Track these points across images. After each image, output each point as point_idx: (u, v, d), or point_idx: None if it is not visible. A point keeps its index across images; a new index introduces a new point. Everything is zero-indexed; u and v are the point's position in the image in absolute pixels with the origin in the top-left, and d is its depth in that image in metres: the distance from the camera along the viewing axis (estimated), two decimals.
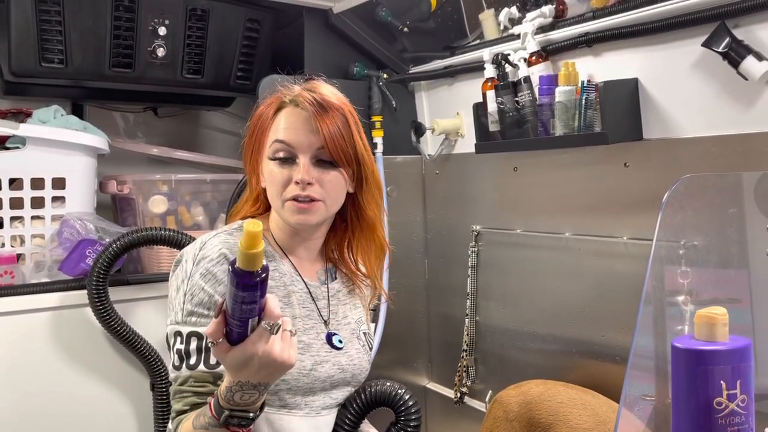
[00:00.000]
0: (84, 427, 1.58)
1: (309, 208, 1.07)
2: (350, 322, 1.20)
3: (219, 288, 1.03)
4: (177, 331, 1.04)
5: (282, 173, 1.07)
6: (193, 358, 1.02)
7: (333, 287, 1.20)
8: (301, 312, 1.12)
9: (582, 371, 1.62)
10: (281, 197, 1.08)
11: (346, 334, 1.18)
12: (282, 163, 1.08)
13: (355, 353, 1.18)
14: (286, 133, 1.08)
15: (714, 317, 0.71)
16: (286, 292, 1.11)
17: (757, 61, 1.17)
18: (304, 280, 1.15)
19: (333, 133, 1.07)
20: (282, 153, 1.08)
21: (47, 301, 1.56)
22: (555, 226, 1.68)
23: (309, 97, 1.09)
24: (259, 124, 1.12)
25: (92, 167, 1.71)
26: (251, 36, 1.88)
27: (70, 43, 1.63)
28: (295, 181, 1.06)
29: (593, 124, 1.44)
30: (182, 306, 1.04)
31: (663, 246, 1.15)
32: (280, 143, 1.08)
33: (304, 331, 1.11)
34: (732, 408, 0.70)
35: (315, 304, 1.15)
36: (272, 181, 1.09)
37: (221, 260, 1.05)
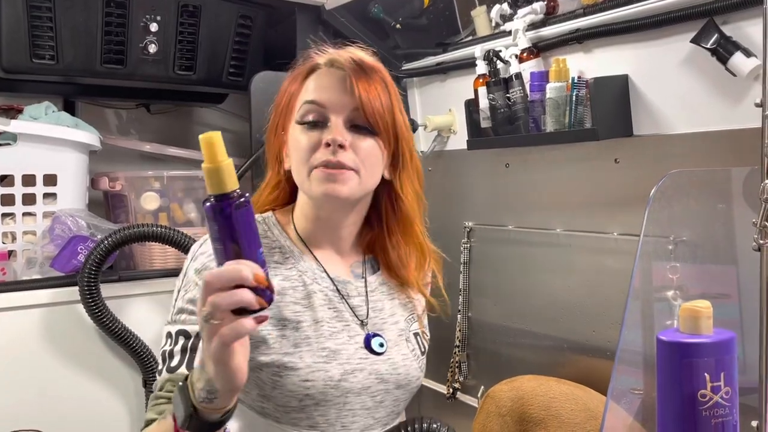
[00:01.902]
0: (76, 423, 1.58)
1: (339, 175, 0.91)
2: (398, 321, 1.04)
3: None
4: (167, 332, 0.94)
5: (311, 137, 0.93)
6: (175, 359, 0.90)
7: (374, 280, 1.04)
8: (326, 314, 0.97)
9: (573, 366, 1.62)
10: (307, 165, 0.93)
11: (392, 335, 1.02)
12: (311, 127, 0.94)
13: (401, 359, 1.01)
14: (317, 92, 0.95)
15: (698, 310, 0.71)
16: (305, 292, 0.97)
17: (746, 57, 1.17)
18: (331, 276, 1.00)
19: (371, 95, 0.94)
20: (312, 115, 0.94)
21: (39, 297, 1.55)
22: (546, 223, 1.69)
23: (347, 57, 0.96)
24: (288, 92, 0.99)
25: (84, 164, 1.71)
26: (243, 32, 1.88)
27: (61, 39, 1.62)
28: (326, 143, 0.92)
29: (584, 121, 1.45)
30: (175, 303, 0.95)
31: (652, 241, 1.16)
32: (310, 104, 0.94)
33: (330, 336, 0.96)
34: (716, 400, 0.70)
35: (346, 302, 0.99)
36: (298, 148, 0.94)
37: None
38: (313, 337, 0.94)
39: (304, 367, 0.92)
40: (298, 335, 0.94)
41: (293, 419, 0.94)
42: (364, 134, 0.95)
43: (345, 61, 0.96)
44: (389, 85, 0.98)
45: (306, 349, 0.93)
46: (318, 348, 0.94)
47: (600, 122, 1.42)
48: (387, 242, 1.03)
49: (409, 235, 1.03)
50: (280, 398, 0.93)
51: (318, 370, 0.93)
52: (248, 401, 0.96)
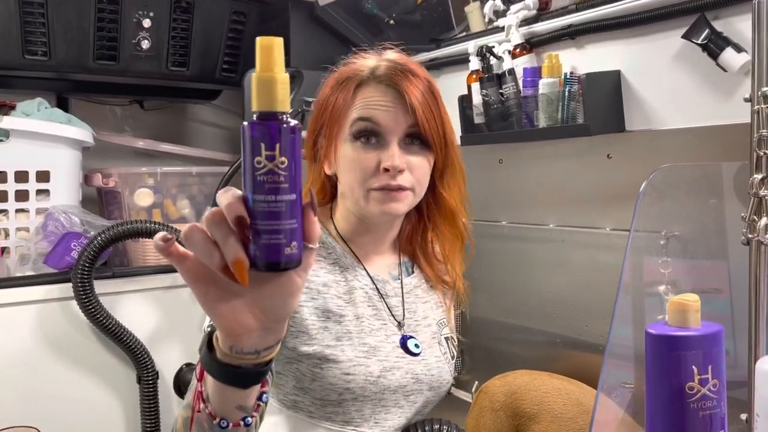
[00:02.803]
0: (70, 420, 1.58)
1: (398, 196, 0.94)
2: (431, 324, 1.06)
3: None
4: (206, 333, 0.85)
5: (367, 158, 0.93)
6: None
7: (409, 282, 1.06)
8: (366, 311, 0.99)
9: (567, 361, 1.63)
10: (364, 186, 0.94)
11: (425, 337, 1.04)
12: (366, 145, 0.94)
13: (434, 361, 1.03)
14: (371, 110, 0.94)
15: (686, 304, 0.72)
16: (348, 287, 0.99)
17: (736, 52, 1.18)
18: (371, 275, 1.02)
19: (425, 112, 0.94)
20: (368, 133, 0.94)
21: (32, 294, 1.55)
22: (540, 218, 1.69)
23: (396, 68, 0.95)
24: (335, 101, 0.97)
25: (77, 160, 1.71)
26: (237, 29, 1.88)
27: (53, 35, 1.62)
28: (384, 168, 0.93)
29: (576, 116, 1.45)
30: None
31: (643, 236, 1.17)
32: (365, 121, 0.93)
33: (370, 333, 0.97)
34: (704, 393, 0.71)
35: (384, 301, 1.02)
36: (353, 167, 0.94)
37: None
38: (355, 332, 0.95)
39: (346, 360, 0.93)
40: (341, 329, 0.95)
41: (329, 413, 0.93)
42: (416, 151, 0.96)
43: (395, 75, 0.95)
44: (436, 93, 0.99)
45: (347, 343, 0.94)
46: (359, 343, 0.95)
47: (592, 118, 1.42)
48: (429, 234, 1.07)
49: (452, 224, 1.08)
50: (319, 391, 0.93)
51: (359, 364, 0.94)
52: (280, 396, 0.96)
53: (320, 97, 1.00)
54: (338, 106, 0.97)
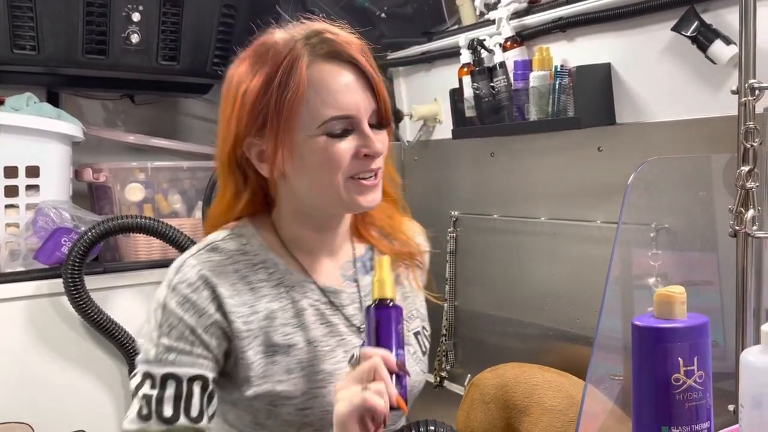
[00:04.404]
0: (62, 416, 1.58)
1: (377, 185, 0.87)
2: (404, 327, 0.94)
3: (201, 320, 0.84)
4: (146, 373, 0.83)
5: (344, 149, 0.83)
6: (168, 409, 0.81)
7: (367, 283, 0.94)
8: (318, 331, 0.89)
9: (558, 354, 1.64)
10: (342, 177, 0.84)
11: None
12: (339, 137, 0.84)
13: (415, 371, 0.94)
14: (344, 100, 0.83)
15: (672, 295, 0.72)
16: (295, 310, 0.88)
17: (725, 45, 1.18)
18: (321, 287, 0.91)
19: (382, 90, 0.87)
20: (341, 127, 0.84)
21: (23, 290, 1.55)
22: (531, 211, 1.69)
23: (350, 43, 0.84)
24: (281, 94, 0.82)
25: (67, 155, 1.70)
26: (227, 22, 1.87)
27: (42, 29, 1.61)
28: (365, 155, 0.84)
29: (567, 109, 1.45)
30: (156, 340, 0.84)
31: (633, 229, 1.17)
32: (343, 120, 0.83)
33: (325, 357, 0.88)
34: (689, 384, 0.71)
35: (340, 312, 0.91)
36: (327, 162, 0.83)
37: (202, 285, 0.85)
38: (307, 360, 0.87)
39: (300, 395, 0.86)
40: (290, 360, 0.86)
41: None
42: (378, 129, 0.87)
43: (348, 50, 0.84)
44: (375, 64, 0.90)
45: (299, 375, 0.86)
46: (313, 372, 0.87)
47: (583, 110, 1.42)
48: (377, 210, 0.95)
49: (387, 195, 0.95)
50: (276, 427, 0.87)
51: (315, 396, 0.86)
52: (240, 426, 0.90)
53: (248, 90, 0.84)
54: (288, 99, 0.82)
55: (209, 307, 0.85)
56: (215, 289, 0.85)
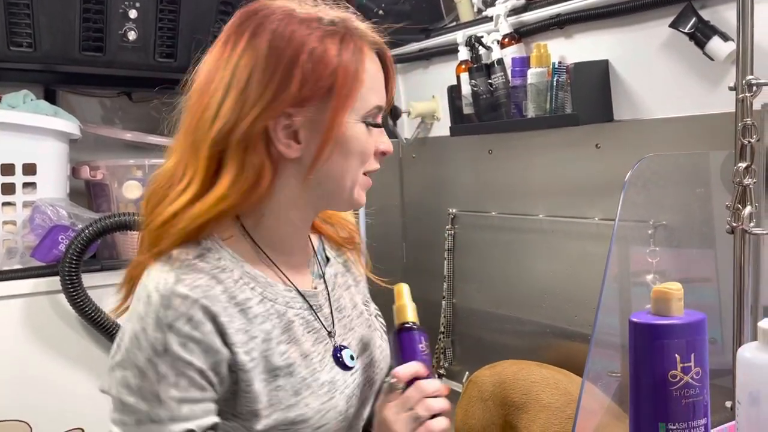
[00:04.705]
0: (59, 414, 1.57)
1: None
2: (362, 311, 0.92)
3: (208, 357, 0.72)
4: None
5: (372, 142, 0.79)
6: None
7: (330, 275, 0.89)
8: (308, 341, 0.81)
9: (555, 351, 1.64)
10: (360, 171, 0.80)
11: (363, 329, 0.90)
12: (374, 127, 0.80)
13: (381, 354, 0.90)
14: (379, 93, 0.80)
15: (669, 292, 0.72)
16: (284, 325, 0.79)
17: (723, 41, 1.18)
18: (301, 292, 0.83)
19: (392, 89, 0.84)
20: (377, 118, 0.80)
21: (20, 287, 1.54)
22: (529, 208, 1.69)
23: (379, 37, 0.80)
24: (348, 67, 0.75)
25: (64, 153, 1.70)
26: (224, 19, 1.84)
27: (38, 26, 1.60)
28: (382, 152, 0.81)
29: (564, 106, 1.45)
30: (163, 396, 0.71)
31: (631, 226, 1.17)
32: (381, 110, 0.80)
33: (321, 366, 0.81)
34: (686, 380, 0.71)
35: (318, 315, 0.84)
36: (358, 151, 0.78)
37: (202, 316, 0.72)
38: (308, 375, 0.79)
39: (314, 414, 0.78)
40: (294, 380, 0.78)
41: None
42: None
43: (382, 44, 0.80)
44: None
45: (308, 393, 0.78)
46: (317, 387, 0.80)
47: (580, 107, 1.42)
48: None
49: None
50: None
51: (328, 410, 0.80)
52: None
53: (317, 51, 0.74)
54: (351, 74, 0.74)
55: (215, 341, 0.72)
56: (216, 319, 0.73)
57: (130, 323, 0.73)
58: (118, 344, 0.74)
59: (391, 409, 0.79)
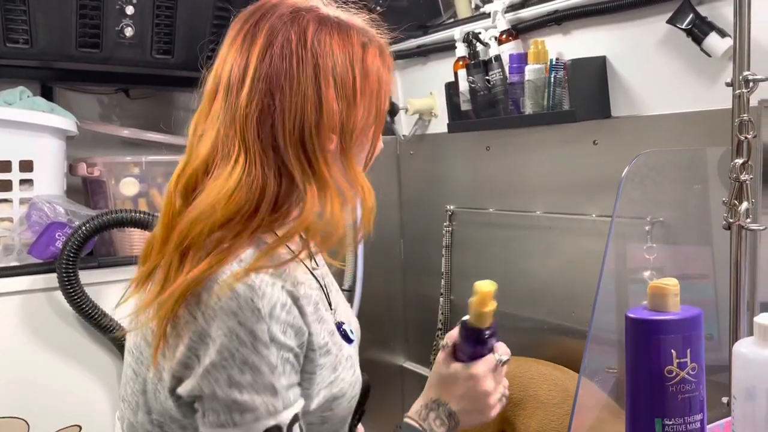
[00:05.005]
0: (56, 411, 1.58)
1: None
2: (339, 288, 0.96)
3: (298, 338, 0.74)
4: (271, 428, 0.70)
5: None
6: None
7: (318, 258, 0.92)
8: (329, 320, 0.83)
9: (553, 347, 1.64)
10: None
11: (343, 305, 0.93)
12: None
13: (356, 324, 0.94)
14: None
15: (665, 288, 0.72)
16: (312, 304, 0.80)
17: (720, 37, 1.18)
18: (312, 273, 0.86)
19: None
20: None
21: (17, 284, 1.54)
22: (527, 205, 1.69)
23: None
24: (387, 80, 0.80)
25: (61, 149, 1.69)
26: (222, 15, 1.85)
27: (35, 23, 1.60)
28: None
29: (562, 102, 1.45)
30: (276, 386, 0.71)
31: (628, 222, 1.17)
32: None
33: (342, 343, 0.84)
34: (682, 376, 0.71)
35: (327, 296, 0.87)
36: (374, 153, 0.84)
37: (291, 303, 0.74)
38: (338, 352, 0.82)
39: (348, 387, 0.82)
40: (331, 357, 0.80)
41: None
42: None
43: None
44: None
45: (341, 369, 0.81)
46: (345, 360, 0.83)
47: (578, 104, 1.42)
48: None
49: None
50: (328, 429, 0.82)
51: (356, 382, 0.84)
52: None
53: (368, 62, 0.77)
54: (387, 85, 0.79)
55: (302, 324, 0.74)
56: (297, 302, 0.74)
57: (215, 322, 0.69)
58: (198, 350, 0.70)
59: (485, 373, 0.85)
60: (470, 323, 0.85)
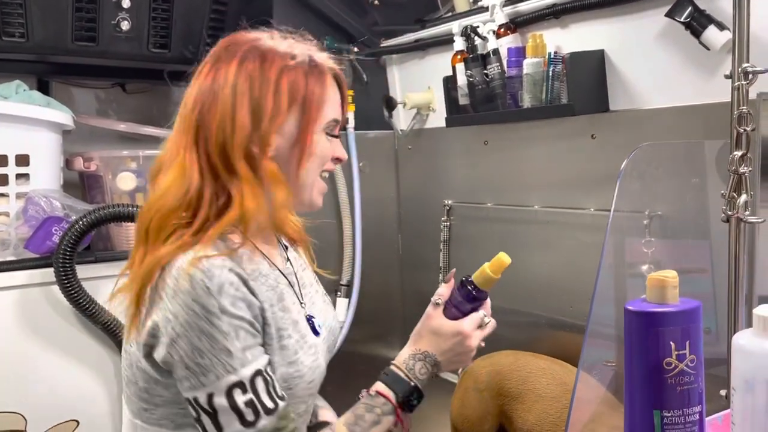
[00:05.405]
0: (54, 406, 1.57)
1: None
2: (315, 285, 1.09)
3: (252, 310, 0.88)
4: (234, 383, 0.84)
5: (328, 148, 0.97)
6: (268, 401, 0.86)
7: (292, 256, 1.07)
8: (294, 311, 0.96)
9: (551, 342, 1.64)
10: (317, 173, 0.96)
11: (320, 303, 1.07)
12: (331, 137, 0.98)
13: (334, 323, 1.08)
14: (340, 109, 0.99)
15: (664, 280, 0.72)
16: (277, 295, 0.94)
17: (719, 30, 1.17)
18: (281, 271, 0.99)
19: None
20: (335, 130, 0.99)
21: (14, 279, 1.53)
22: (524, 199, 1.69)
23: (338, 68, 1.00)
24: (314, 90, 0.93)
25: (57, 144, 1.69)
26: (219, 9, 1.84)
27: (31, 16, 1.59)
28: (338, 158, 0.99)
29: (560, 96, 1.45)
30: (231, 349, 0.84)
31: (626, 216, 1.17)
32: (336, 124, 0.98)
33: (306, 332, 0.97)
34: (681, 368, 0.71)
35: (295, 293, 1.00)
36: (321, 155, 0.95)
37: (239, 281, 0.87)
38: (301, 339, 0.95)
39: (307, 370, 0.94)
40: (293, 341, 0.93)
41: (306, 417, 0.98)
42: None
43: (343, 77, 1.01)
44: None
45: (302, 353, 0.94)
46: (308, 348, 0.95)
47: (576, 97, 1.42)
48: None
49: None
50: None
51: (316, 367, 0.96)
52: None
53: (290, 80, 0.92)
54: (316, 96, 0.94)
55: (252, 299, 0.88)
56: (246, 284, 0.88)
57: (175, 300, 0.84)
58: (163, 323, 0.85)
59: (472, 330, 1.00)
60: (477, 283, 0.97)
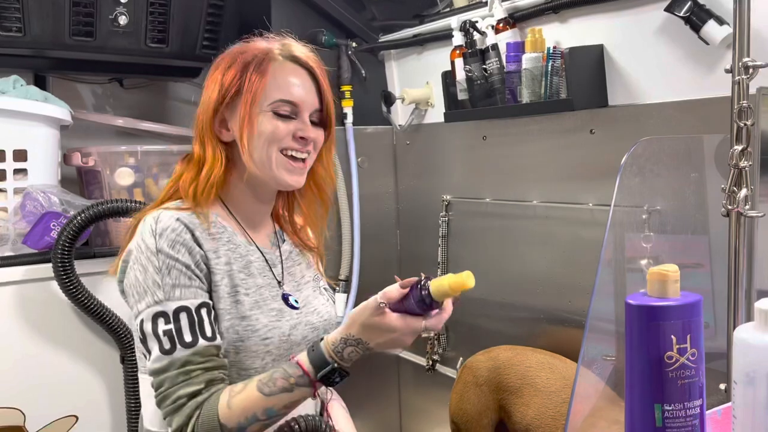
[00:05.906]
0: (53, 401, 1.57)
1: (303, 168, 1.08)
2: (309, 281, 1.19)
3: (192, 256, 1.01)
4: (158, 312, 0.98)
5: (284, 127, 1.05)
6: (187, 335, 0.97)
7: (285, 249, 1.18)
8: (263, 281, 1.10)
9: (550, 336, 1.64)
10: (275, 147, 1.05)
11: (308, 292, 1.17)
12: (283, 117, 1.06)
13: (324, 309, 1.17)
14: (290, 91, 1.06)
15: (665, 274, 0.72)
16: (245, 262, 1.08)
17: (718, 25, 1.17)
18: (260, 249, 1.12)
19: (330, 97, 1.10)
20: (286, 110, 1.06)
21: (12, 274, 1.53)
22: (523, 195, 1.69)
23: (306, 53, 1.09)
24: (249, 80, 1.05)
25: (55, 139, 1.68)
26: (217, 4, 1.84)
27: (28, 11, 1.58)
28: (300, 137, 1.06)
29: (559, 91, 1.45)
30: (160, 282, 0.99)
31: (625, 211, 1.17)
32: (288, 104, 1.06)
33: (272, 299, 1.09)
34: (682, 362, 0.71)
35: (272, 271, 1.13)
36: (269, 134, 1.05)
37: (183, 228, 1.02)
38: (261, 301, 1.07)
39: (262, 327, 1.05)
40: (250, 299, 1.06)
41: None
42: (318, 128, 1.10)
43: (307, 60, 1.09)
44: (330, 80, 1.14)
45: (259, 312, 1.06)
46: (268, 310, 1.07)
47: (575, 92, 1.42)
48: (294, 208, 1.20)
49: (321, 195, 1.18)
50: (245, 361, 1.04)
51: (273, 327, 1.06)
52: None
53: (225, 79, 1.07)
54: (253, 84, 1.05)
55: (194, 245, 1.02)
56: (193, 234, 1.02)
57: (134, 240, 1.04)
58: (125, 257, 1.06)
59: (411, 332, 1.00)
60: (433, 294, 0.96)
